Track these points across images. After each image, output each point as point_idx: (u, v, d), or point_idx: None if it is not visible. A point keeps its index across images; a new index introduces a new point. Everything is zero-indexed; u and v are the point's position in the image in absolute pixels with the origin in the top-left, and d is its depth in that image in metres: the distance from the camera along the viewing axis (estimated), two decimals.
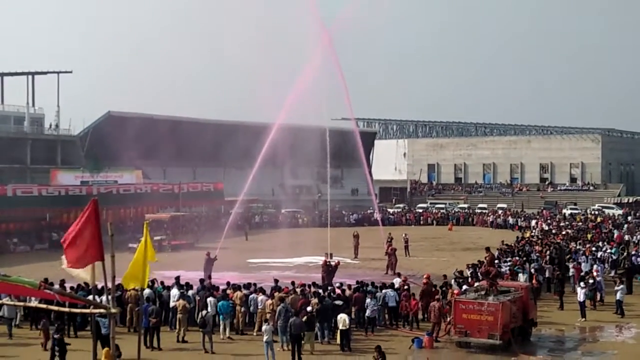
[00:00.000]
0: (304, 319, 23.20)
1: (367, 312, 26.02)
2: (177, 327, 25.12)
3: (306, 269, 41.49)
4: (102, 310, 15.08)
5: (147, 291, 25.18)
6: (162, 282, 28.62)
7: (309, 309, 24.05)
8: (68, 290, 23.67)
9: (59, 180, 64.82)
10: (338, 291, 27.56)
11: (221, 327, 25.47)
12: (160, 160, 78.39)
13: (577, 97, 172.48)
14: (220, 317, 25.51)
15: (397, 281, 30.32)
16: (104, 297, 21.32)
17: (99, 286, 17.73)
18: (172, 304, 26.34)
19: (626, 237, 50.33)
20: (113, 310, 13.82)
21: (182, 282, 28.39)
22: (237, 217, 55.79)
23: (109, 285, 14.22)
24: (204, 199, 72.64)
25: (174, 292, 26.87)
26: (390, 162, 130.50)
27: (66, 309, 16.40)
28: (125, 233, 51.65)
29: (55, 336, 21.37)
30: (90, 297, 17.43)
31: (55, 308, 14.13)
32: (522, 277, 31.92)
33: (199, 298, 26.71)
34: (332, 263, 36.07)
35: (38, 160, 72.22)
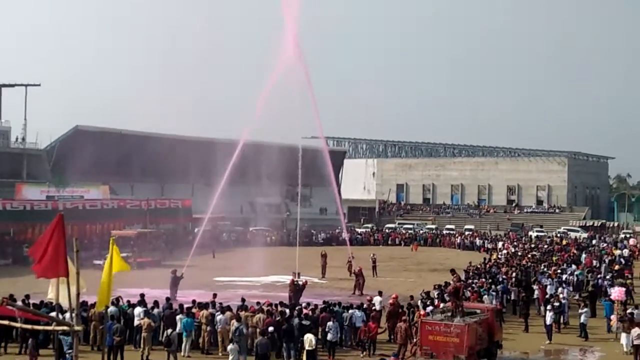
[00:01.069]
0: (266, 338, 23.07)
1: (329, 336, 25.55)
2: (142, 345, 24.78)
3: (273, 288, 41.28)
4: (65, 328, 14.85)
5: (111, 309, 24.86)
6: (128, 301, 28.26)
7: (270, 329, 23.90)
8: (31, 306, 23.29)
9: (24, 195, 63.98)
10: (305, 311, 27.43)
11: (183, 344, 25.19)
12: (128, 176, 77.81)
13: (544, 120, 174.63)
14: (184, 334, 25.26)
15: (377, 300, 30.29)
16: (67, 315, 20.99)
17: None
18: (136, 322, 26.01)
19: (594, 262, 50.81)
20: (77, 328, 13.61)
21: (148, 300, 28.07)
22: (204, 235, 55.37)
23: (73, 302, 14.00)
24: (171, 216, 71.96)
25: (139, 310, 26.54)
26: (360, 181, 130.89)
27: (28, 326, 16.12)
28: (90, 249, 50.97)
29: None
30: (54, 314, 17.19)
31: (18, 325, 13.89)
32: (487, 299, 32.06)
33: (164, 316, 26.42)
34: (300, 282, 35.93)
35: (3, 174, 71.21)
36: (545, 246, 66.30)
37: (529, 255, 53.25)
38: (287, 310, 26.97)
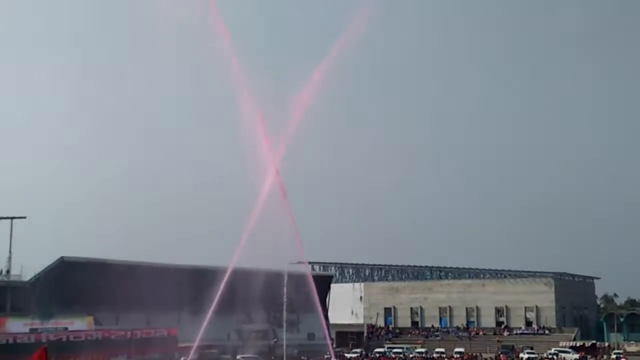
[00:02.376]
0: None
1: None
2: None
3: None
4: None
5: None
6: None
7: None
8: None
9: (7, 328, 63.29)
10: None
11: None
12: (113, 306, 77.00)
13: (528, 241, 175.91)
14: None
15: None
16: None
17: None
18: None
19: None
20: None
21: None
22: None
23: None
24: (157, 345, 71.05)
25: None
26: (347, 305, 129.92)
27: None
28: None
29: None
30: None
31: None
32: None
33: None
34: None
35: None
36: None
37: None
38: None
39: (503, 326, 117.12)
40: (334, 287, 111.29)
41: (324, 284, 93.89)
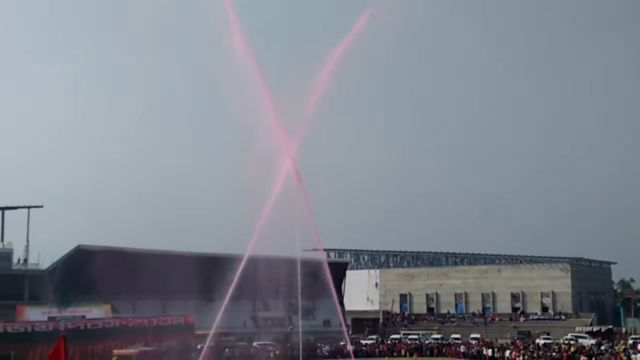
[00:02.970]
0: None
1: None
2: None
3: None
4: None
5: None
6: None
7: None
8: None
9: (25, 316, 63.75)
10: None
11: None
12: (130, 294, 77.43)
13: (544, 226, 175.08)
14: None
15: None
16: None
17: None
18: None
19: None
20: None
21: None
22: (208, 351, 54.79)
23: None
24: (174, 333, 71.30)
25: None
26: (362, 292, 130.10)
27: None
28: None
29: None
30: None
31: None
32: None
33: None
34: None
35: (5, 295, 71.08)
36: (554, 354, 65.37)
37: None
38: None
39: (519, 312, 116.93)
40: (349, 273, 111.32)
41: (339, 271, 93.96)
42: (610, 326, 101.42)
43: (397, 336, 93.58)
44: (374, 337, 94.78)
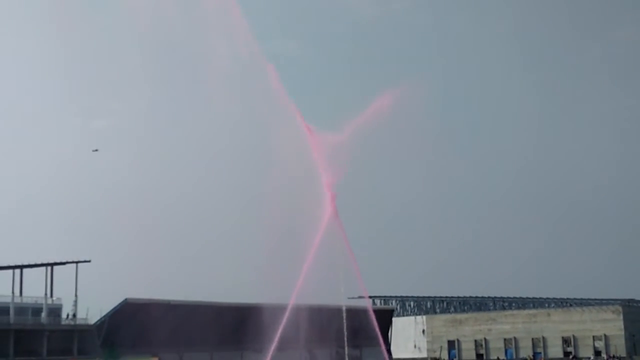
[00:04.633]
0: None
1: None
2: None
3: None
4: None
5: None
6: None
7: None
8: None
9: None
10: None
11: None
12: (177, 346, 77.63)
13: (594, 269, 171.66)
14: None
15: None
16: None
17: None
18: None
19: None
20: None
21: None
22: None
23: None
24: None
25: None
26: (409, 339, 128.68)
27: None
28: None
29: None
30: None
31: None
32: None
33: None
34: None
35: (54, 351, 71.95)
36: None
37: None
38: None
39: (571, 356, 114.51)
40: (395, 320, 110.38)
41: (385, 318, 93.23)
42: None
43: None
44: None
